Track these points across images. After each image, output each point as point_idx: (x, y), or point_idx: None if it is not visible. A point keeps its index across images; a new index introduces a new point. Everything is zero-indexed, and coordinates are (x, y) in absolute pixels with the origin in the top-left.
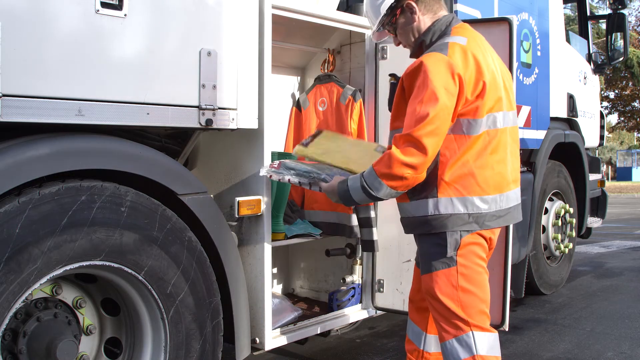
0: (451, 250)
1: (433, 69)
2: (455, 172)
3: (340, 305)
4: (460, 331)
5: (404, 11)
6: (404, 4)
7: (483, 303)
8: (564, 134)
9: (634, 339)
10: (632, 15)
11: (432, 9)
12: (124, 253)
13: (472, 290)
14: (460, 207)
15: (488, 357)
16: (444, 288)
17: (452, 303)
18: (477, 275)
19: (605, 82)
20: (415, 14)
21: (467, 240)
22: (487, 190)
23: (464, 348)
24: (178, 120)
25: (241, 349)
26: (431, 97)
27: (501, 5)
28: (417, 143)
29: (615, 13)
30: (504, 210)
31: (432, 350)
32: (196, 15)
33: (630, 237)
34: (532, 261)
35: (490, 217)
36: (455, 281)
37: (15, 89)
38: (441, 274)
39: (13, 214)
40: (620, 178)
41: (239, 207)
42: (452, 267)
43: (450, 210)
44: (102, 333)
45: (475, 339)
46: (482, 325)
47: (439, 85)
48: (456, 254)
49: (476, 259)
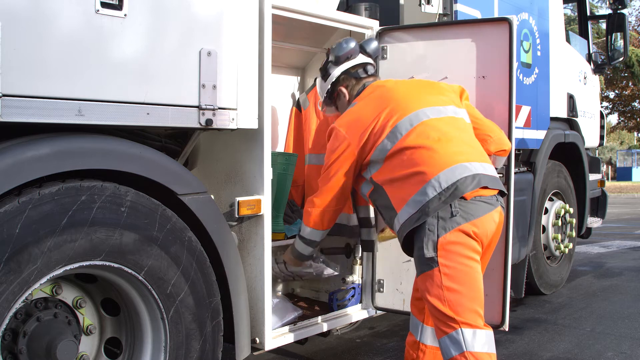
0: (429, 251)
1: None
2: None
3: (340, 305)
4: (450, 329)
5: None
6: (338, 89)
7: (473, 301)
8: (564, 134)
9: (634, 339)
10: (632, 15)
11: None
12: (124, 253)
13: (458, 289)
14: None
15: (479, 353)
16: (430, 289)
17: (440, 303)
18: (462, 275)
19: (605, 82)
20: (346, 97)
21: (446, 239)
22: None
23: (454, 345)
24: (178, 120)
25: (241, 349)
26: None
27: (501, 5)
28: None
29: (615, 13)
30: (467, 177)
31: (428, 343)
32: (196, 15)
33: (630, 237)
34: (532, 261)
35: (461, 185)
36: (439, 281)
37: (15, 89)
38: (426, 276)
39: (13, 214)
40: (620, 178)
41: (239, 207)
42: (434, 268)
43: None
44: (102, 333)
45: (465, 335)
46: (471, 323)
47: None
48: (437, 255)
49: (459, 258)
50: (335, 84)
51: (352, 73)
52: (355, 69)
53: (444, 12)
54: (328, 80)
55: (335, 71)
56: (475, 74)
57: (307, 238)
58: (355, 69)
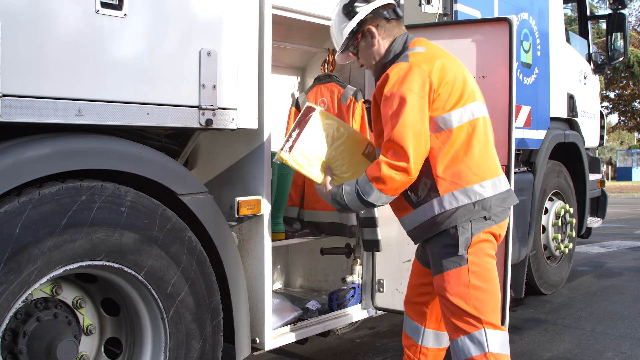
0: (462, 248)
1: (397, 77)
2: (449, 167)
3: (341, 305)
4: (473, 328)
5: (365, 35)
6: (365, 29)
7: (495, 301)
8: (564, 134)
9: (634, 339)
10: (632, 15)
11: (392, 33)
12: (124, 253)
13: (485, 287)
14: (463, 198)
15: (499, 354)
16: (455, 288)
17: (464, 302)
18: (488, 273)
19: (605, 82)
20: (375, 38)
21: (478, 238)
22: (483, 176)
23: (476, 345)
24: (178, 120)
25: (241, 349)
26: (401, 102)
27: (501, 5)
28: (397, 147)
29: (615, 13)
30: (504, 192)
31: (430, 346)
32: (196, 15)
33: (630, 237)
34: (532, 261)
35: (496, 201)
36: (467, 280)
37: (15, 89)
38: (453, 274)
39: (13, 214)
40: (620, 178)
41: (239, 207)
42: (463, 266)
43: (455, 204)
44: (102, 333)
45: (487, 336)
46: (494, 323)
47: (405, 89)
48: (467, 253)
49: (486, 258)
50: (362, 23)
51: (381, 13)
52: (384, 8)
53: (444, 12)
54: (355, 18)
55: (365, 8)
56: (475, 74)
57: (366, 200)
58: (384, 9)
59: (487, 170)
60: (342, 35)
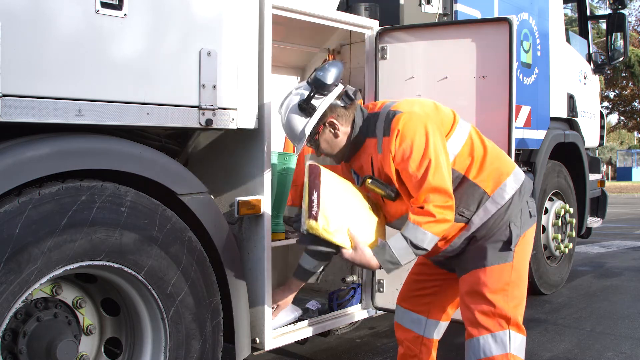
0: (515, 244)
1: (405, 126)
2: (482, 171)
3: (341, 305)
4: (499, 328)
5: (326, 127)
6: (327, 122)
7: (524, 303)
8: (564, 134)
9: (634, 339)
10: (632, 15)
11: (350, 115)
12: (124, 253)
13: (521, 287)
14: (514, 185)
15: (517, 357)
16: (496, 284)
17: (501, 299)
18: (525, 272)
19: (605, 82)
20: (338, 129)
21: (525, 235)
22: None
23: (499, 345)
24: (178, 120)
25: (241, 349)
26: (420, 145)
27: (501, 5)
28: (439, 189)
29: (615, 13)
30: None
31: (431, 336)
32: (196, 16)
33: (630, 237)
34: (532, 261)
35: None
36: (509, 277)
37: (15, 89)
38: (496, 269)
39: (13, 214)
40: (620, 178)
41: (239, 207)
42: (508, 262)
43: (507, 195)
44: (102, 333)
45: (511, 337)
46: (520, 325)
47: (420, 132)
48: (514, 250)
49: (527, 255)
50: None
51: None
52: (339, 97)
53: (444, 12)
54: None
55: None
56: (475, 74)
57: (422, 247)
58: (339, 97)
59: (509, 162)
60: (305, 133)
